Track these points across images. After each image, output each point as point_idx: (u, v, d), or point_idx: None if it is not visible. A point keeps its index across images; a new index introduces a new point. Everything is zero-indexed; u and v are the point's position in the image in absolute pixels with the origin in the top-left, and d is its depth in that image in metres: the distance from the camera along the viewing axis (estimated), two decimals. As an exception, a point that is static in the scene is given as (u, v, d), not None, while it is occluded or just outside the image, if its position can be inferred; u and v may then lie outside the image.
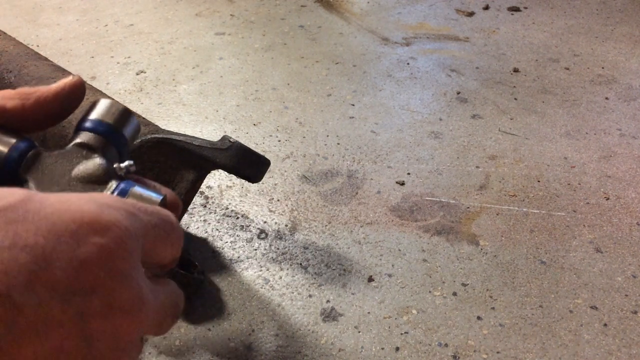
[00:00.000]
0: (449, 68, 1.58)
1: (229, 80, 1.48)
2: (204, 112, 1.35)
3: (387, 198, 1.09)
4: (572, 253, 0.98)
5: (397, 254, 0.97)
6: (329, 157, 1.20)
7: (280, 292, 0.90)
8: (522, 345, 0.82)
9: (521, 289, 0.92)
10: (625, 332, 0.85)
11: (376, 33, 1.78)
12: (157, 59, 1.57)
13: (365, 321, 0.85)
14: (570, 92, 1.48)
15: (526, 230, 1.03)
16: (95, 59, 1.57)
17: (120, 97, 1.37)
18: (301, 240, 0.99)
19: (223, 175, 1.14)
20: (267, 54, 1.62)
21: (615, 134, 1.31)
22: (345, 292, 0.90)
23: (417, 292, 0.90)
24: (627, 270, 0.95)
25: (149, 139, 0.80)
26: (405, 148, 1.24)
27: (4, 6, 1.87)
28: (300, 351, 0.81)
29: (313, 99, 1.41)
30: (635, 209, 1.09)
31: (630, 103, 1.43)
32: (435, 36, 1.77)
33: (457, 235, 1.01)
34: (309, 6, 1.94)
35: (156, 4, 1.92)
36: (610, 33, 1.80)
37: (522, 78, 1.54)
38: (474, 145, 1.26)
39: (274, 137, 1.26)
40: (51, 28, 1.74)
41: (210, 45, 1.66)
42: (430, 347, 0.82)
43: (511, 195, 1.11)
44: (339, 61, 1.60)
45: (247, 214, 1.05)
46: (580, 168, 1.20)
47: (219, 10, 1.89)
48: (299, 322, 0.85)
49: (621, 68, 1.59)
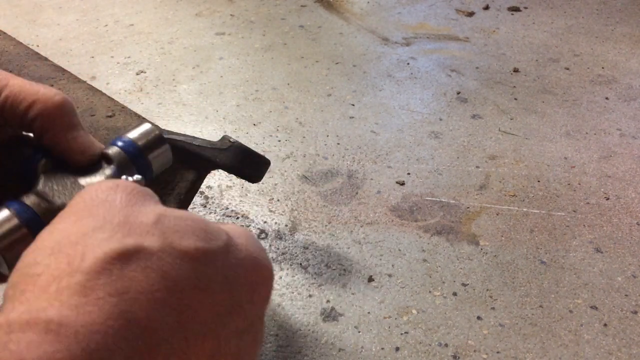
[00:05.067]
0: (449, 68, 1.58)
1: (229, 80, 1.48)
2: (204, 112, 1.35)
3: (387, 198, 1.09)
4: (572, 253, 0.98)
5: (397, 254, 0.97)
6: (329, 157, 1.20)
7: (280, 292, 0.90)
8: (522, 345, 0.82)
9: (521, 289, 0.92)
10: (625, 332, 0.85)
11: (376, 33, 1.78)
12: (157, 59, 1.57)
13: (365, 321, 0.85)
14: (570, 92, 1.48)
15: (526, 230, 1.03)
16: (95, 59, 1.57)
17: (120, 97, 1.37)
18: (301, 240, 0.99)
19: (223, 175, 1.14)
20: (267, 54, 1.62)
21: (615, 134, 1.31)
22: (345, 292, 0.90)
23: (417, 292, 0.90)
24: (627, 270, 0.95)
25: (149, 139, 0.80)
26: (405, 148, 1.24)
27: (4, 6, 1.87)
28: (300, 351, 0.81)
29: (313, 99, 1.41)
30: (635, 209, 1.09)
31: (630, 103, 1.43)
32: (435, 36, 1.77)
33: (457, 235, 1.01)
34: (309, 6, 1.94)
35: (156, 4, 1.92)
36: (610, 33, 1.80)
37: (522, 78, 1.54)
38: (474, 145, 1.26)
39: (274, 137, 1.26)
40: (51, 28, 1.74)
41: (210, 45, 1.66)
42: (430, 347, 0.82)
43: (511, 195, 1.11)
44: (339, 61, 1.60)
45: (247, 214, 1.05)
46: (580, 168, 1.19)
47: (219, 10, 1.89)
48: (299, 322, 0.85)
49: (621, 68, 1.59)
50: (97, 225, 0.21)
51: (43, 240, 0.21)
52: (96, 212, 0.22)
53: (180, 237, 0.22)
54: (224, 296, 0.22)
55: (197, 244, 0.22)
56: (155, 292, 0.20)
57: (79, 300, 0.18)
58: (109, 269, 0.19)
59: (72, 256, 0.20)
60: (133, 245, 0.20)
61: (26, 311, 0.18)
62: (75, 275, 0.19)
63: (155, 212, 0.22)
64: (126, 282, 0.19)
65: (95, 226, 0.21)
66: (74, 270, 0.19)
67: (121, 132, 0.33)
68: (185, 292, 0.21)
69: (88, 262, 0.19)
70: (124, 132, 0.32)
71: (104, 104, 0.93)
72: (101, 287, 0.19)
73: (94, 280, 0.19)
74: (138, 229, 0.21)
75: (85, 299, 0.19)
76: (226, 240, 0.23)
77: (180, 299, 0.20)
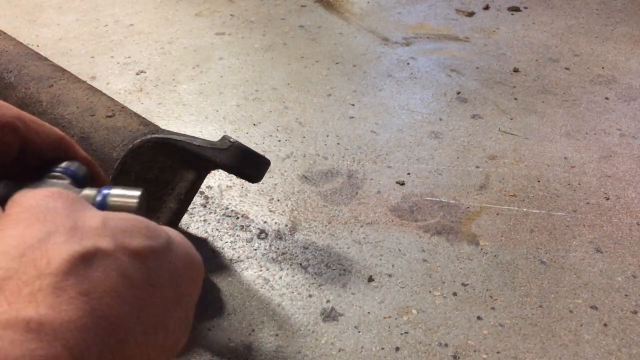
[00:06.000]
0: (449, 68, 1.58)
1: (229, 80, 1.48)
2: (204, 112, 1.35)
3: (387, 198, 1.09)
4: (572, 253, 0.98)
5: (397, 254, 0.97)
6: (329, 157, 1.20)
7: (280, 292, 0.90)
8: (522, 345, 0.82)
9: (521, 289, 0.92)
10: (625, 332, 0.85)
11: (376, 33, 1.78)
12: (157, 59, 1.58)
13: (365, 321, 0.85)
14: (570, 92, 1.48)
15: (526, 230, 1.03)
16: (95, 59, 1.57)
17: (120, 97, 1.37)
18: (301, 240, 0.99)
19: (223, 175, 1.14)
20: (267, 54, 1.62)
21: (615, 134, 1.31)
22: (345, 292, 0.90)
23: (417, 292, 0.90)
24: (627, 270, 0.95)
25: (149, 139, 0.80)
26: (405, 148, 1.24)
27: (4, 6, 1.87)
28: (300, 351, 0.81)
29: (313, 99, 1.41)
30: (635, 209, 1.09)
31: (630, 103, 1.43)
32: (435, 36, 1.77)
33: (457, 235, 1.01)
34: (309, 6, 1.94)
35: (156, 4, 1.92)
36: (610, 33, 1.80)
37: (522, 78, 1.54)
38: (474, 145, 1.26)
39: (274, 137, 1.26)
40: (51, 28, 1.74)
41: (210, 45, 1.66)
42: (430, 347, 0.82)
43: (511, 195, 1.11)
44: (339, 61, 1.60)
45: (247, 214, 1.05)
46: (580, 168, 1.19)
47: (219, 10, 1.89)
48: (299, 322, 0.85)
49: (621, 68, 1.59)
50: (50, 231, 0.22)
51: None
52: (43, 219, 0.22)
53: (129, 237, 0.23)
54: (170, 290, 0.24)
55: (144, 242, 0.23)
56: (117, 290, 0.21)
57: (53, 300, 0.19)
58: (74, 270, 0.20)
59: (37, 260, 0.20)
60: (91, 247, 0.22)
61: (4, 312, 0.19)
62: (46, 278, 0.20)
63: (99, 216, 0.24)
64: (91, 282, 0.21)
65: (49, 231, 0.22)
66: (42, 274, 0.20)
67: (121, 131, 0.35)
68: (140, 288, 0.22)
69: (55, 265, 0.20)
70: (59, 165, 0.34)
71: (104, 104, 0.93)
72: (71, 287, 0.20)
73: (64, 281, 0.20)
74: (89, 232, 0.22)
75: (59, 299, 0.19)
76: (167, 238, 0.25)
77: (137, 296, 0.22)
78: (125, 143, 0.82)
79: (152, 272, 0.23)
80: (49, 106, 0.91)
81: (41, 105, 0.92)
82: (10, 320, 0.18)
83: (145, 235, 0.23)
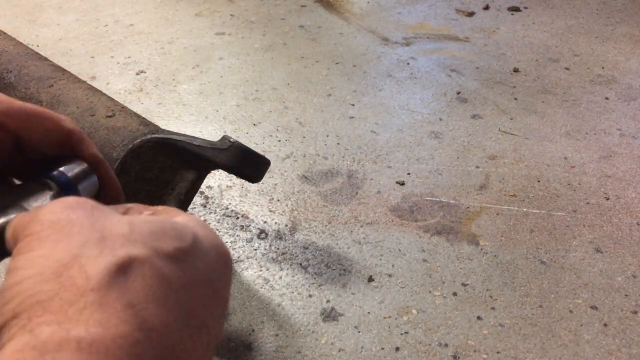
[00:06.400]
0: (449, 68, 1.58)
1: (229, 80, 1.48)
2: (204, 112, 1.35)
3: (387, 198, 1.09)
4: (572, 253, 0.98)
5: (397, 254, 0.97)
6: (329, 157, 1.20)
7: (280, 292, 0.90)
8: (522, 345, 0.82)
9: (521, 289, 0.92)
10: (625, 332, 0.85)
11: (376, 33, 1.78)
12: (157, 59, 1.57)
13: (365, 321, 0.85)
14: (570, 92, 1.48)
15: (526, 230, 1.03)
16: (95, 59, 1.57)
17: (120, 97, 1.37)
18: (301, 240, 0.99)
19: (223, 175, 1.14)
20: (267, 54, 1.62)
21: (615, 134, 1.31)
22: (345, 292, 0.90)
23: (417, 292, 0.90)
24: (627, 270, 0.95)
25: (149, 139, 0.80)
26: (405, 148, 1.24)
27: (4, 6, 1.87)
28: (300, 351, 0.81)
29: (313, 99, 1.41)
30: (635, 209, 1.09)
31: (630, 103, 1.43)
32: (435, 36, 1.77)
33: (457, 235, 1.01)
34: (309, 6, 1.94)
35: (156, 4, 1.92)
36: (610, 33, 1.80)
37: (522, 78, 1.54)
38: (474, 145, 1.26)
39: (274, 137, 1.26)
40: (51, 28, 1.74)
41: (210, 45, 1.66)
42: (430, 347, 0.82)
43: (511, 195, 1.11)
44: (339, 61, 1.60)
45: (247, 214, 1.05)
46: (580, 168, 1.19)
47: (219, 10, 1.89)
48: (299, 322, 0.85)
49: (621, 68, 1.59)
50: (80, 245, 0.21)
51: (27, 269, 0.21)
52: (69, 232, 0.22)
53: (159, 240, 0.22)
54: (206, 287, 0.23)
55: (175, 244, 0.23)
56: (159, 298, 0.20)
57: (100, 317, 0.19)
58: (114, 282, 0.20)
59: (75, 277, 0.20)
60: (125, 256, 0.21)
61: (54, 332, 0.18)
62: (89, 295, 0.19)
63: (123, 221, 0.23)
64: (133, 292, 0.20)
65: (79, 245, 0.21)
66: (84, 291, 0.20)
67: (121, 131, 0.35)
68: (180, 292, 0.22)
69: (95, 280, 0.20)
70: (56, 166, 0.34)
71: (104, 104, 0.93)
72: (116, 301, 0.20)
73: (107, 296, 0.20)
74: (119, 240, 0.22)
75: (106, 314, 0.19)
76: (193, 235, 0.24)
77: (179, 300, 0.21)
78: (125, 143, 0.82)
79: (188, 273, 0.22)
80: (49, 106, 0.91)
81: (41, 105, 0.92)
82: (63, 340, 0.18)
83: (174, 236, 0.23)
